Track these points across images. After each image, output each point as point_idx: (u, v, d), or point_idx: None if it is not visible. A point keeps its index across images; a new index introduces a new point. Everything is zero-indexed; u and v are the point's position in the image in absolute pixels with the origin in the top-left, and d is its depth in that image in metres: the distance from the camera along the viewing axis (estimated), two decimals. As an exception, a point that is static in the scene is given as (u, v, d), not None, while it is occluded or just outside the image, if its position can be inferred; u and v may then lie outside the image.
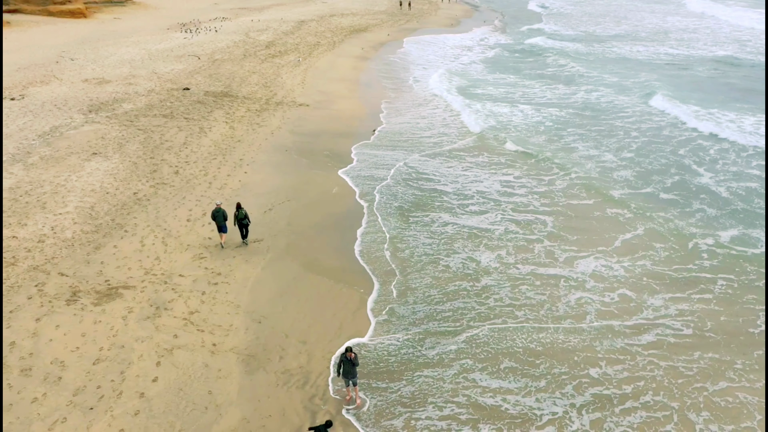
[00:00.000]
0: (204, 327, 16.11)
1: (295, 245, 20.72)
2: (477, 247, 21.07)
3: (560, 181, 27.08)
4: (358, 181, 26.57)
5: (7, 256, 18.88)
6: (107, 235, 20.52)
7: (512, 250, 20.83)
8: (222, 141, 30.57)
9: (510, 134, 34.18)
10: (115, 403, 13.39)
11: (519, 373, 14.51)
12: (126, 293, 17.35)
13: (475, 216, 23.59)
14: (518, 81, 48.31)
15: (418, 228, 22.50)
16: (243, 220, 20.15)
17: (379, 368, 14.94)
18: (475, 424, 13.00)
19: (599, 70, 51.95)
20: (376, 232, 21.88)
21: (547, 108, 39.79)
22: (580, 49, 61.86)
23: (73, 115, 33.00)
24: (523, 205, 24.64)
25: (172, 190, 24.42)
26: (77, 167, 25.97)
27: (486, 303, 17.51)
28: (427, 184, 26.78)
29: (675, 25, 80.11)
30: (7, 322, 15.81)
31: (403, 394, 14.05)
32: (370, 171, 27.80)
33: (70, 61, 45.46)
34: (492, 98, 42.48)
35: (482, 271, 19.37)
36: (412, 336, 16.19)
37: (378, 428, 12.96)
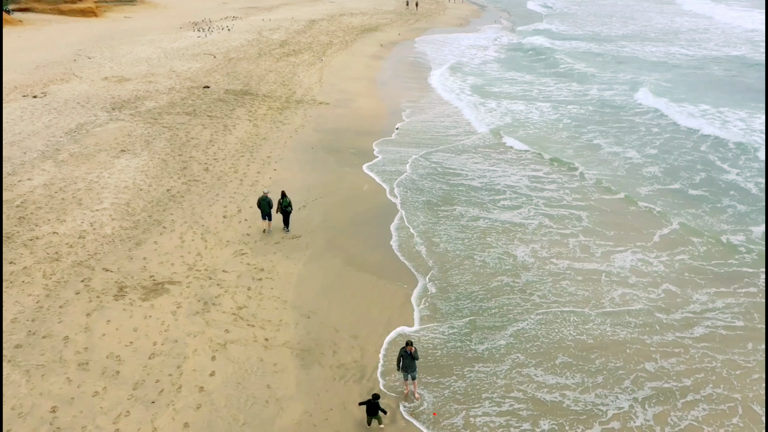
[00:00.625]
0: (254, 322, 16.12)
1: (333, 241, 20.73)
2: (511, 242, 21.11)
3: (588, 177, 27.11)
4: (386, 177, 26.60)
5: (50, 251, 18.88)
6: (146, 231, 20.53)
7: (546, 245, 20.87)
8: (247, 139, 30.58)
9: (531, 131, 34.27)
10: (176, 396, 13.40)
11: (574, 368, 14.51)
12: (172, 289, 17.35)
13: (507, 211, 23.63)
14: (534, 79, 48.38)
15: (449, 222, 22.54)
16: (286, 207, 20.82)
17: (428, 362, 14.92)
18: (536, 420, 12.99)
19: (613, 69, 52.05)
20: (409, 227, 21.90)
21: (565, 106, 39.87)
22: (593, 49, 61.98)
23: (97, 112, 32.99)
24: (554, 200, 24.68)
25: (204, 187, 24.43)
26: (108, 164, 25.97)
27: (530, 299, 17.51)
28: (454, 179, 26.82)
29: (684, 26, 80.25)
30: (59, 317, 15.80)
31: (456, 389, 14.03)
32: (395, 167, 27.81)
33: (88, 60, 45.44)
34: (510, 96, 42.55)
35: (520, 267, 19.40)
36: (458, 330, 16.19)
37: (438, 429, 12.90)
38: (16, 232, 19.83)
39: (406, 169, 27.66)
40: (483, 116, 37.28)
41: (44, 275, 17.59)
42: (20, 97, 34.96)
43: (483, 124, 35.46)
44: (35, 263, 18.17)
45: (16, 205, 21.65)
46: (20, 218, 20.78)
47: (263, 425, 12.80)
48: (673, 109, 38.84)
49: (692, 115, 37.31)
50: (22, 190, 22.89)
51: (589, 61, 55.24)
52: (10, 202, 21.94)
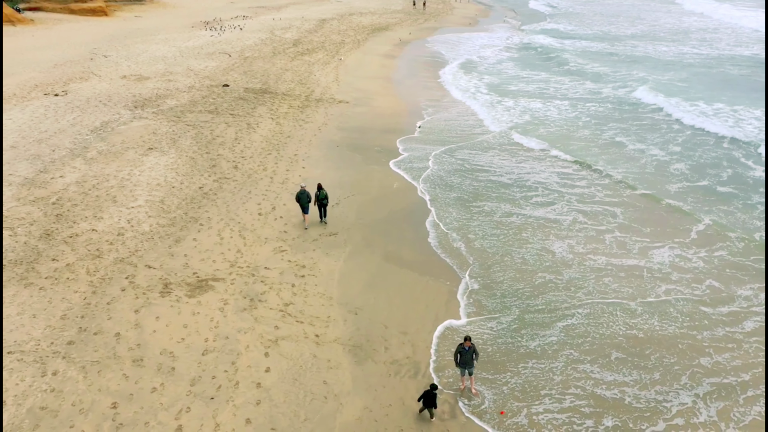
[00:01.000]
0: (302, 318, 16.08)
1: (370, 238, 20.70)
2: (547, 237, 21.11)
3: (616, 174, 27.10)
4: (414, 174, 26.58)
5: (91, 248, 18.83)
6: (184, 229, 20.48)
7: (582, 240, 20.88)
8: (272, 137, 30.54)
9: (552, 129, 34.25)
10: (234, 393, 13.36)
11: (630, 364, 14.48)
12: (217, 285, 17.31)
13: (540, 207, 23.64)
14: (548, 78, 48.35)
15: (482, 218, 22.53)
16: (323, 200, 21.14)
17: (481, 358, 14.88)
18: (598, 417, 12.95)
19: (627, 68, 52.04)
20: (442, 224, 21.87)
21: (583, 104, 39.85)
22: (605, 49, 61.94)
23: (119, 110, 32.93)
24: (586, 196, 24.70)
25: (235, 184, 24.39)
26: (137, 162, 25.92)
27: (575, 296, 17.48)
28: (483, 175, 26.82)
29: (693, 25, 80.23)
30: (108, 314, 15.76)
31: (513, 386, 13.99)
32: (422, 164, 27.79)
33: (104, 58, 45.37)
34: (527, 94, 42.53)
35: (560, 263, 19.37)
36: (507, 326, 16.17)
37: (504, 428, 12.78)
38: (55, 230, 19.79)
39: (433, 166, 27.65)
40: (501, 114, 37.26)
41: (88, 272, 17.55)
42: (42, 95, 34.89)
43: (503, 122, 35.44)
44: (78, 260, 18.13)
45: (52, 203, 21.61)
46: (57, 215, 20.72)
47: (325, 421, 12.77)
48: (689, 107, 38.85)
49: (709, 114, 37.33)
50: (56, 188, 22.84)
51: (602, 61, 55.23)
52: (45, 199, 21.89)
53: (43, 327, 15.09)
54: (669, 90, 43.18)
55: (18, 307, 15.83)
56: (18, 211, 20.80)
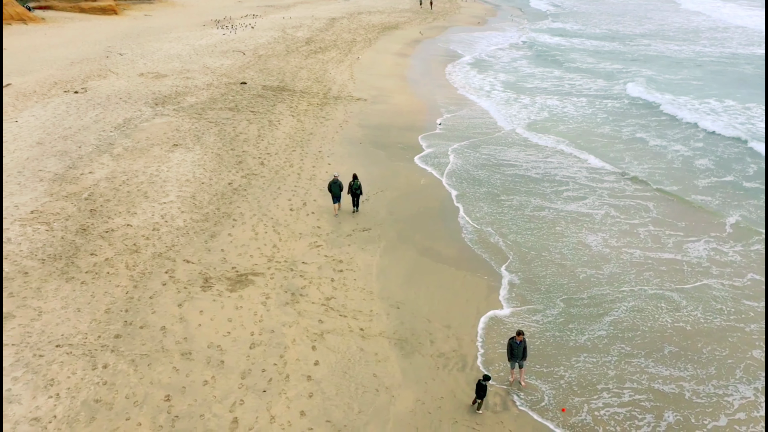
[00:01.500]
0: (345, 312, 16.05)
1: (404, 234, 20.65)
2: (580, 231, 21.14)
3: (643, 169, 27.10)
4: (441, 170, 26.54)
5: (128, 243, 18.80)
6: (218, 224, 20.45)
7: (617, 234, 20.89)
8: (295, 134, 30.51)
9: (571, 125, 34.18)
10: (286, 385, 13.32)
11: (684, 358, 14.45)
12: (257, 280, 17.27)
13: (572, 201, 23.66)
14: (562, 75, 48.29)
15: (513, 213, 22.56)
16: (357, 190, 21.79)
17: (531, 351, 14.75)
18: (659, 412, 12.89)
19: (638, 65, 51.99)
20: (475, 219, 21.82)
21: (600, 100, 39.80)
22: (616, 48, 61.82)
23: (141, 107, 32.91)
24: (616, 190, 24.71)
25: (264, 180, 24.35)
26: (163, 158, 25.89)
27: (619, 289, 17.45)
28: (509, 170, 26.80)
29: (702, 24, 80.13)
30: (151, 307, 15.73)
31: (569, 380, 13.86)
32: (447, 160, 27.75)
33: (119, 56, 45.35)
34: (545, 92, 42.45)
35: (598, 257, 19.34)
36: (553, 320, 16.13)
37: (569, 428, 12.67)
38: (91, 224, 19.76)
39: (457, 161, 27.62)
40: (519, 111, 37.19)
41: (127, 266, 17.52)
42: (62, 92, 34.87)
43: (522, 119, 35.39)
44: (116, 255, 18.09)
45: (85, 198, 21.58)
46: (92, 210, 20.69)
47: (379, 413, 12.73)
48: (702, 105, 38.84)
49: (719, 111, 37.36)
50: (86, 183, 22.81)
51: (614, 59, 55.15)
52: (77, 194, 21.86)
53: (88, 321, 15.06)
54: (684, 89, 43.17)
55: (61, 301, 15.80)
56: (52, 207, 20.78)
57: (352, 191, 21.78)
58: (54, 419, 12.08)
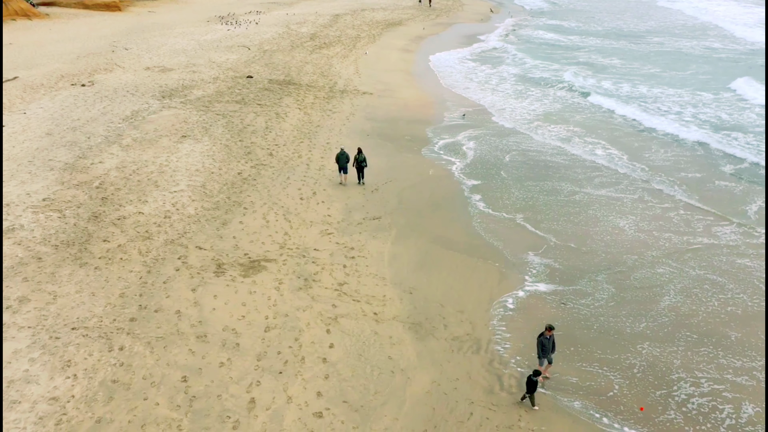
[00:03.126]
0: (359, 297, 16.09)
1: (415, 222, 20.71)
2: (609, 214, 21.60)
3: (669, 154, 27.86)
4: (449, 160, 26.59)
5: (140, 230, 18.85)
6: (229, 212, 20.49)
7: (649, 218, 21.29)
8: (302, 126, 30.56)
9: (586, 115, 34.19)
10: (302, 367, 13.36)
11: (753, 347, 14.43)
12: (269, 266, 17.32)
13: (603, 188, 24.05)
14: (576, 72, 48.32)
15: (544, 198, 23.07)
16: (362, 162, 23.22)
17: (589, 336, 14.84)
18: (737, 403, 12.79)
19: (648, 63, 51.98)
20: (488, 206, 21.87)
21: (617, 96, 39.84)
22: (625, 48, 61.74)
23: (148, 100, 32.96)
24: (642, 175, 25.33)
25: (273, 170, 24.40)
26: (172, 149, 25.95)
27: (667, 274, 17.62)
28: (522, 158, 26.92)
29: (711, 22, 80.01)
30: (165, 292, 15.78)
31: (641, 369, 13.64)
32: (456, 151, 27.79)
33: (125, 51, 45.40)
34: (556, 85, 42.43)
35: (635, 241, 19.58)
36: (604, 303, 16.17)
37: (652, 427, 12.32)
38: (102, 212, 19.81)
39: (468, 152, 27.65)
40: (531, 104, 37.22)
41: (140, 252, 17.57)
42: (69, 85, 34.92)
43: (532, 111, 35.42)
44: (128, 241, 18.15)
45: (96, 186, 21.63)
46: (103, 198, 20.75)
47: (395, 393, 12.77)
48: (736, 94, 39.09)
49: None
50: (97, 172, 22.86)
51: (625, 58, 55.14)
52: (88, 183, 21.91)
53: (103, 304, 15.11)
54: (710, 79, 43.28)
55: (76, 285, 15.85)
56: (64, 195, 20.83)
57: (358, 164, 23.21)
58: (72, 399, 12.13)
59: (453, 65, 49.01)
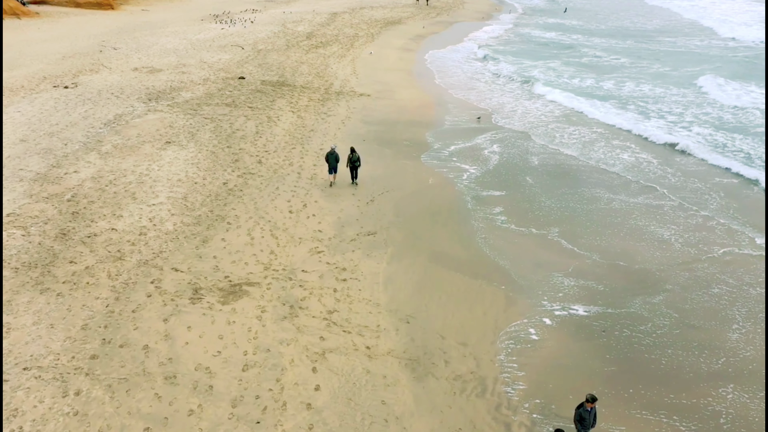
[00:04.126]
0: (349, 328, 14.43)
1: (412, 237, 19.02)
2: (650, 223, 20.12)
3: (692, 160, 26.57)
4: (451, 168, 24.87)
5: (112, 249, 17.19)
6: (211, 228, 18.83)
7: (692, 228, 19.95)
8: (294, 130, 28.88)
9: (609, 116, 32.56)
10: (282, 415, 11.71)
11: None
12: (252, 291, 15.67)
13: (639, 195, 22.64)
14: (577, 72, 46.59)
15: (560, 210, 21.36)
16: (355, 162, 22.36)
17: (650, 369, 13.27)
18: None
19: (660, 62, 50.27)
20: (492, 220, 20.20)
21: (630, 96, 38.14)
22: (632, 48, 60.02)
23: (133, 103, 31.29)
24: (683, 178, 24.14)
25: (261, 180, 22.73)
26: (155, 156, 24.28)
27: (725, 298, 15.97)
28: (523, 164, 25.14)
29: (716, 19, 78.21)
30: (134, 323, 14.13)
31: (731, 421, 11.94)
32: (458, 157, 26.08)
33: (113, 50, 43.71)
34: (568, 87, 40.75)
35: (688, 257, 18.00)
36: (668, 332, 14.49)
37: None
38: (72, 229, 18.14)
39: (478, 158, 25.96)
40: (536, 105, 35.54)
41: (109, 276, 15.92)
42: (51, 87, 33.25)
43: (538, 113, 33.74)
44: (97, 263, 16.49)
45: (67, 200, 19.97)
46: (74, 213, 19.08)
47: (389, 449, 11.15)
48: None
49: None
50: (70, 183, 21.20)
51: (631, 56, 53.42)
52: (60, 195, 20.25)
53: (62, 339, 13.47)
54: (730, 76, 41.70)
55: (34, 315, 14.21)
56: (31, 209, 19.17)
57: (351, 164, 22.32)
58: (15, 457, 10.52)
59: (454, 65, 47.30)
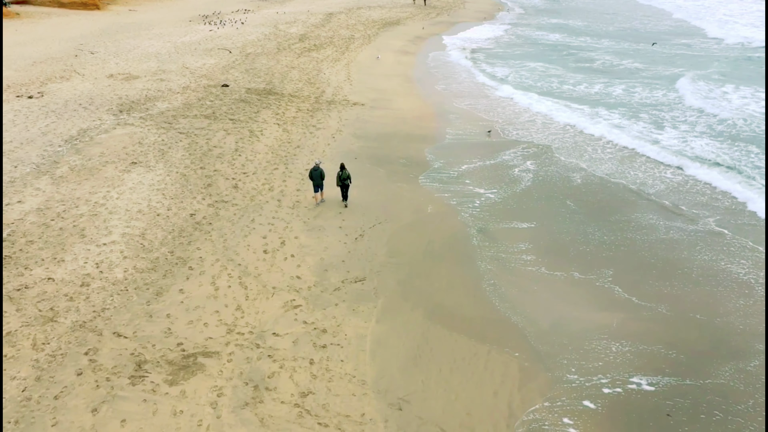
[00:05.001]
0: (327, 419, 11.53)
1: (407, 285, 16.09)
2: (719, 259, 17.13)
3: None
4: (455, 192, 21.95)
5: (44, 308, 14.28)
6: (168, 275, 15.91)
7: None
8: (279, 147, 25.96)
9: (634, 132, 29.60)
10: None
11: None
12: (208, 364, 12.76)
13: (696, 221, 19.86)
14: (588, 77, 43.60)
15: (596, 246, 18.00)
16: (345, 180, 20.30)
17: None
18: None
19: (672, 65, 47.32)
20: (508, 261, 17.27)
21: (645, 109, 35.17)
22: (642, 50, 56.96)
23: (102, 115, 28.37)
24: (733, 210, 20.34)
25: (235, 210, 19.82)
26: (116, 180, 21.37)
27: None
28: (542, 188, 22.17)
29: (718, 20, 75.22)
30: (53, 415, 11.22)
31: None
32: (462, 179, 23.15)
33: (90, 55, 40.77)
34: (577, 98, 37.79)
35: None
36: None
37: None
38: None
39: (485, 180, 23.02)
40: (559, 116, 32.52)
41: (34, 345, 13.01)
42: (13, 97, 30.34)
43: (552, 128, 30.76)
44: (23, 326, 13.58)
45: (3, 239, 17.07)
46: (6, 258, 16.18)
47: None
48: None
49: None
50: (10, 218, 18.28)
51: (644, 61, 50.43)
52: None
53: (-43, 441, 10.60)
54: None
55: (-72, 405, 11.33)
56: (-46, 253, 16.31)
57: (341, 182, 20.35)
58: None
59: (456, 70, 44.30)
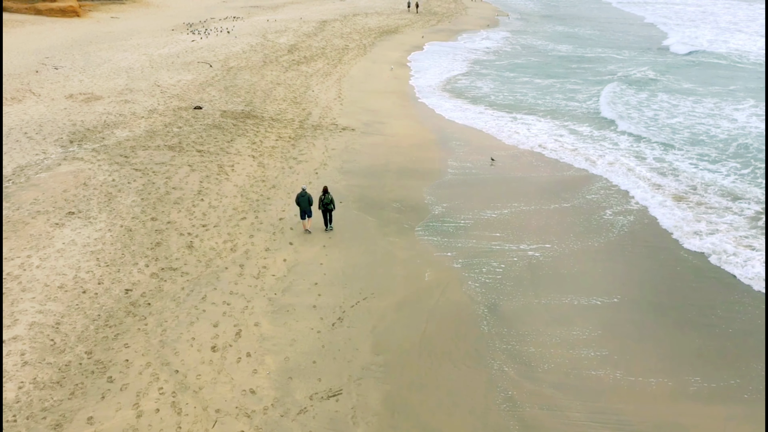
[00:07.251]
0: None
1: (396, 403, 12.09)
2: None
3: None
4: (459, 250, 17.97)
5: None
6: (76, 393, 11.90)
7: None
8: (251, 187, 22.03)
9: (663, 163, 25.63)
10: None
11: None
12: None
13: None
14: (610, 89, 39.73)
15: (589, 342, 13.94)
16: (328, 205, 18.96)
17: None
18: None
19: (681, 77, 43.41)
20: (524, 357, 13.32)
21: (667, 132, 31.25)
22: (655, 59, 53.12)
23: (48, 147, 24.44)
24: None
25: (184, 282, 15.86)
26: (43, 239, 17.42)
27: None
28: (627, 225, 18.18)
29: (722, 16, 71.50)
30: None
31: None
32: (469, 231, 19.16)
33: (54, 71, 36.81)
34: (596, 122, 33.88)
35: None
36: None
37: None
38: None
39: (505, 223, 19.05)
40: (579, 143, 28.60)
41: None
42: (-51, 125, 26.49)
43: (603, 154, 26.80)
44: None
45: None
46: None
47: None
48: None
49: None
50: None
51: (659, 69, 46.58)
52: None
53: None
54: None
55: None
56: None
57: (324, 206, 18.90)
58: None
59: (459, 85, 40.38)
